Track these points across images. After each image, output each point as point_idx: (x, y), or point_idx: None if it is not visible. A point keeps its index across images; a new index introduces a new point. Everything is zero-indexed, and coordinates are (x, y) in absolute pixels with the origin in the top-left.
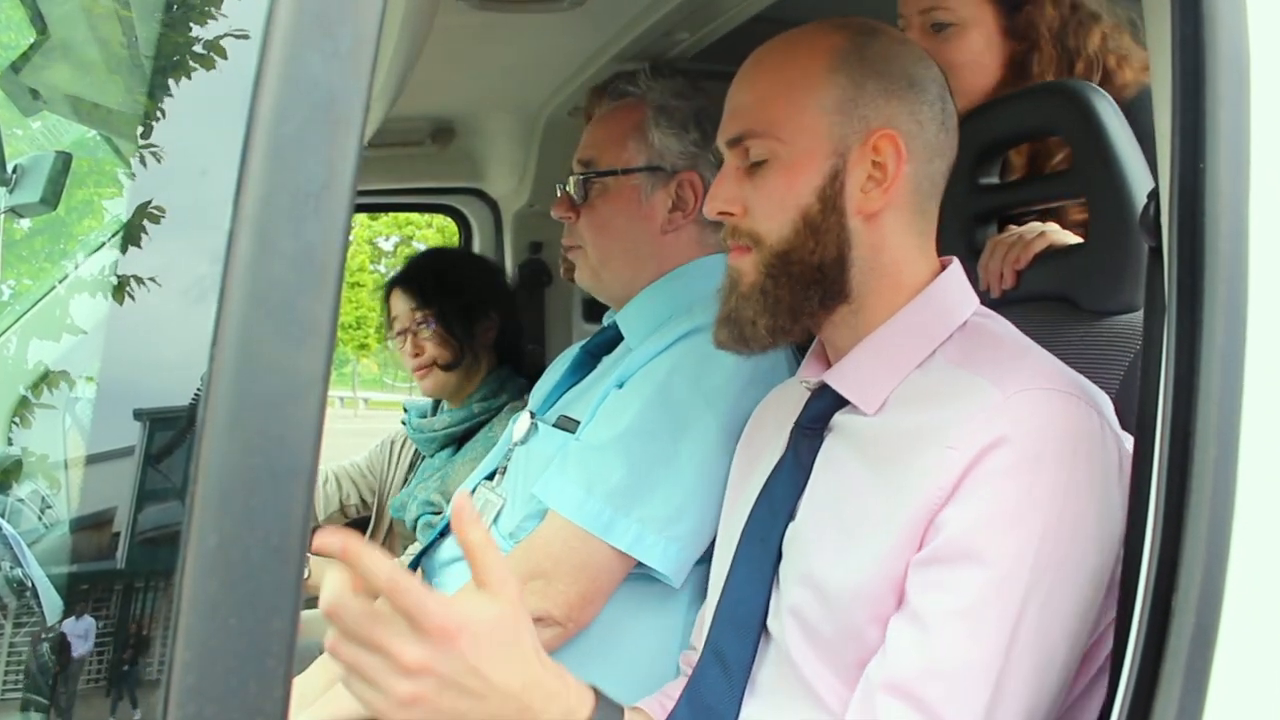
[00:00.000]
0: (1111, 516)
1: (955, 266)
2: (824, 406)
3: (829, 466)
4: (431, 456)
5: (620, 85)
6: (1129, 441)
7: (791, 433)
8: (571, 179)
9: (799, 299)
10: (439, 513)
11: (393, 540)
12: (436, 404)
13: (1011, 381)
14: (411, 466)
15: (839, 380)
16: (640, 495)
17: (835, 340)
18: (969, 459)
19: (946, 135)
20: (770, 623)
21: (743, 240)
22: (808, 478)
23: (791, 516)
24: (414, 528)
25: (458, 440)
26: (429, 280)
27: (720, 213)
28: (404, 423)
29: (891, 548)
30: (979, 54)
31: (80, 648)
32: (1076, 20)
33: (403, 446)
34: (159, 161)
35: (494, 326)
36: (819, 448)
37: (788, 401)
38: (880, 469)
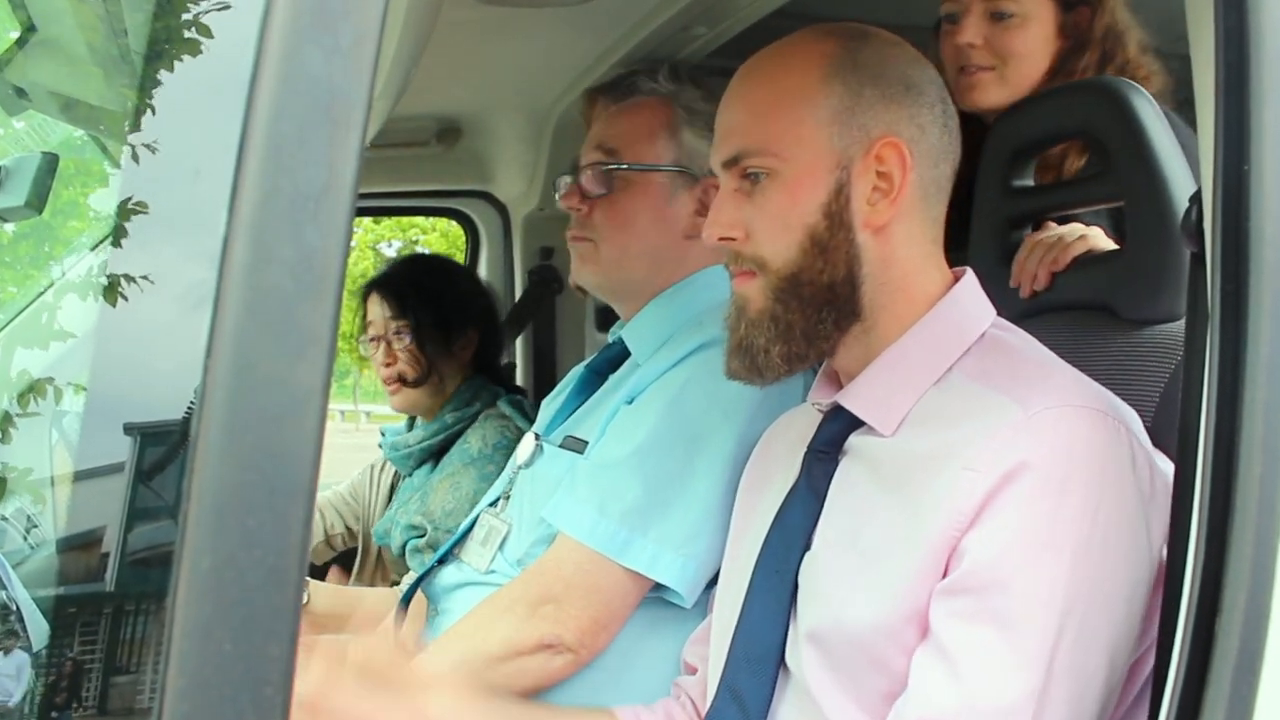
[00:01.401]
0: (1145, 537)
1: (969, 277)
2: (838, 429)
3: (845, 491)
4: (410, 475)
5: (636, 81)
6: (1160, 457)
7: (804, 457)
8: (587, 168)
9: (812, 322)
10: (424, 535)
11: (383, 568)
12: (411, 423)
13: (1034, 399)
14: (392, 489)
15: (853, 400)
16: (657, 514)
17: (847, 361)
18: (992, 483)
19: (949, 138)
20: (788, 656)
21: (747, 265)
22: (823, 504)
23: (808, 545)
24: (401, 554)
25: (434, 455)
26: (408, 289)
27: (721, 238)
28: (381, 445)
29: (913, 576)
30: (1036, 47)
31: (10, 687)
32: (1120, 27)
33: (382, 469)
34: (150, 162)
35: (471, 344)
36: (834, 472)
37: (798, 426)
38: (898, 492)
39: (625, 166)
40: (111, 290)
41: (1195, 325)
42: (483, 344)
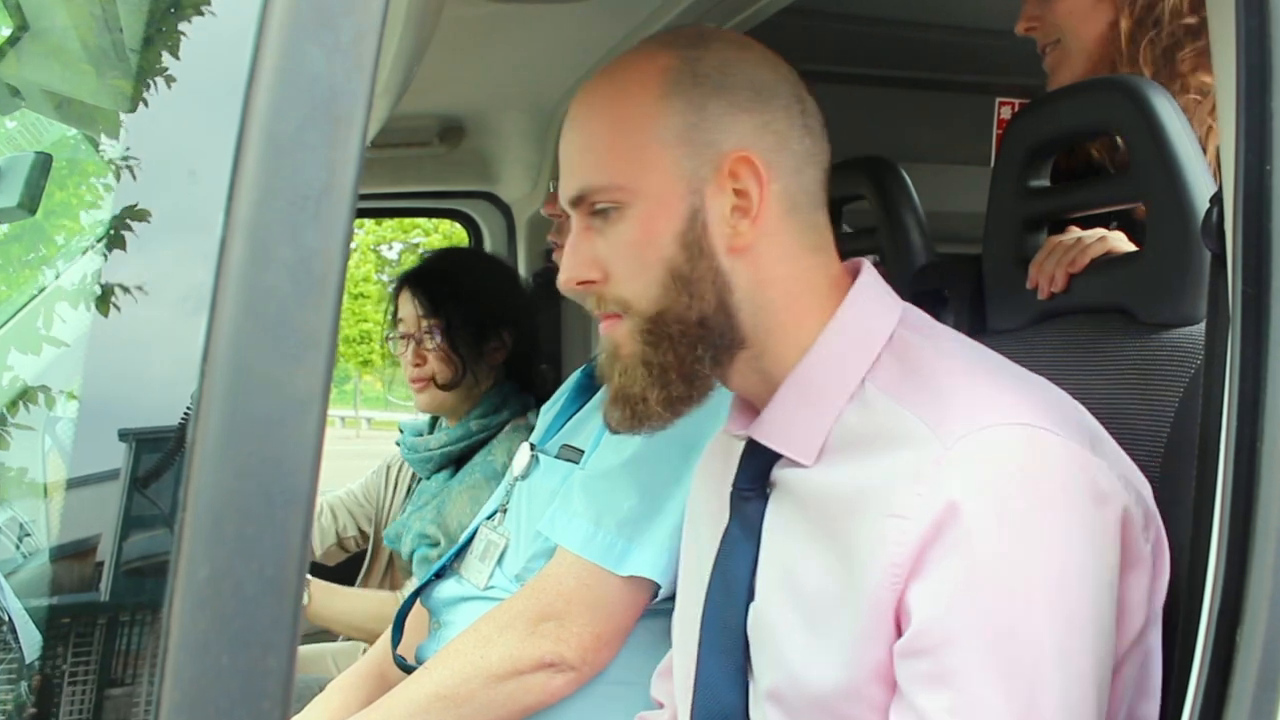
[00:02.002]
0: (1100, 545)
1: (866, 274)
2: (759, 464)
3: (777, 533)
4: (428, 478)
5: None
6: (1106, 445)
7: (731, 497)
8: None
9: (687, 362)
10: (436, 545)
11: (393, 573)
12: (434, 422)
13: (950, 425)
14: (409, 491)
15: (766, 433)
16: (653, 521)
17: (748, 390)
18: (922, 531)
19: (813, 139)
20: (752, 714)
21: (610, 307)
22: (758, 547)
23: (751, 595)
24: (410, 560)
25: (455, 461)
26: (442, 287)
27: (579, 283)
28: (399, 444)
29: (862, 636)
30: (1078, 6)
31: None
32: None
33: (399, 470)
34: (146, 162)
35: (504, 347)
36: (763, 510)
37: (724, 453)
38: (828, 538)
39: None
40: (105, 293)
41: (1216, 328)
42: (516, 347)
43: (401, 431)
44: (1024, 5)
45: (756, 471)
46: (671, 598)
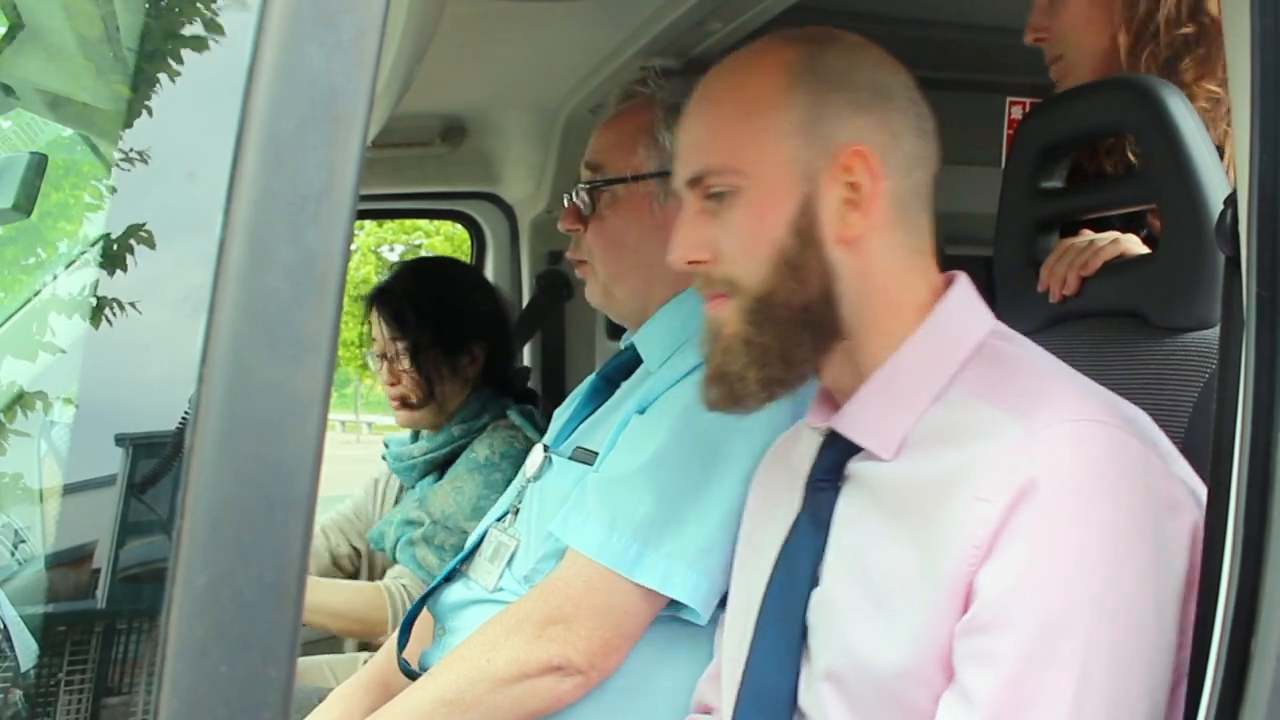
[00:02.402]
0: (1166, 552)
1: (961, 282)
2: (836, 455)
3: (849, 523)
4: (413, 486)
5: (631, 85)
6: (1180, 464)
7: (805, 488)
8: (577, 188)
9: (790, 344)
10: (420, 526)
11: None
12: (416, 434)
13: (1038, 415)
14: (396, 502)
15: (848, 425)
16: (669, 528)
17: (838, 382)
18: (1001, 511)
19: (925, 142)
20: (801, 698)
21: (718, 288)
22: (827, 536)
23: (815, 582)
24: (394, 551)
25: (439, 466)
26: (406, 306)
27: (689, 261)
28: (384, 457)
29: (931, 618)
30: (1080, 12)
31: None
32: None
33: (387, 482)
34: (143, 162)
35: (478, 359)
36: (835, 501)
37: (798, 449)
38: (905, 525)
39: (604, 182)
40: (102, 296)
41: (1230, 332)
42: (491, 356)
43: (387, 446)
44: (1031, 14)
45: (833, 463)
46: (683, 605)
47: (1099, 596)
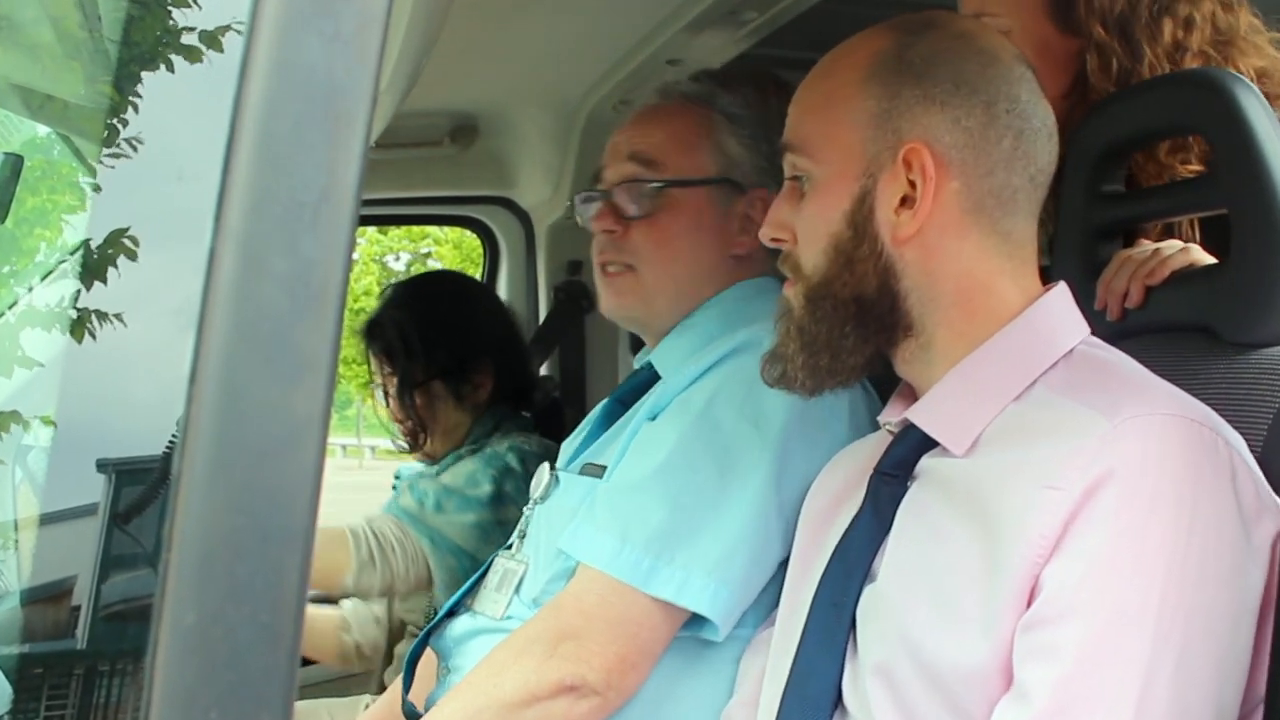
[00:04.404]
0: (1248, 561)
1: (1060, 290)
2: (908, 449)
3: (914, 518)
4: None
5: (672, 85)
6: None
7: (870, 479)
8: (622, 184)
9: (835, 335)
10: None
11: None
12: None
13: (1123, 408)
14: None
15: (924, 416)
16: (684, 537)
17: (911, 376)
18: (1074, 500)
19: (1023, 142)
20: (846, 696)
21: (790, 270)
22: (888, 531)
23: (870, 577)
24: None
25: None
26: (395, 340)
27: (772, 239)
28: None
29: (997, 615)
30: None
31: None
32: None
33: None
34: (128, 164)
35: (485, 383)
36: (901, 496)
37: (866, 453)
38: (973, 515)
39: (667, 182)
40: (83, 309)
41: None
42: (500, 375)
43: (399, 478)
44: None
45: (904, 457)
46: (703, 624)
47: (1173, 594)
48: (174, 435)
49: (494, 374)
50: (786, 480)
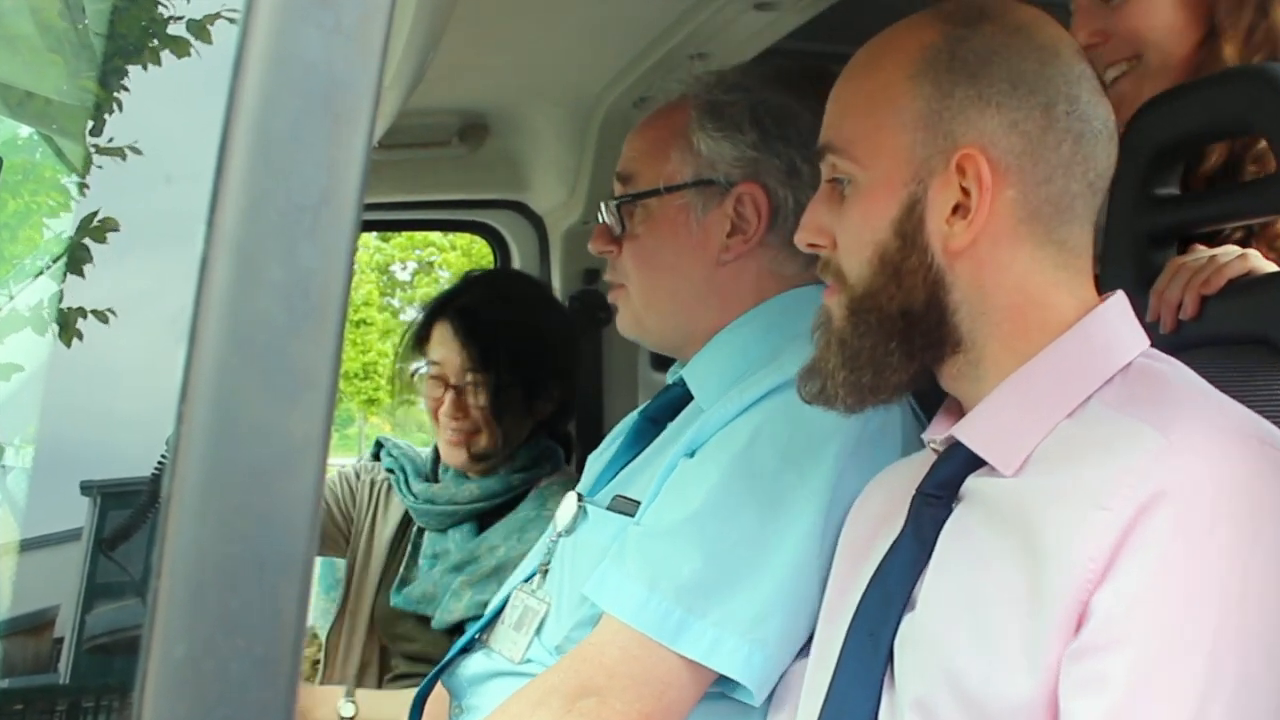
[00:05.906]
0: None
1: (1118, 300)
2: (953, 469)
3: (957, 542)
4: (442, 531)
5: (670, 84)
6: None
7: (912, 501)
8: (605, 203)
9: (879, 351)
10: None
11: (371, 639)
12: (435, 462)
13: (1178, 423)
14: (400, 540)
15: (970, 433)
16: (719, 592)
17: (959, 392)
18: (1125, 521)
19: (1082, 146)
20: None
21: (830, 277)
22: (930, 556)
23: (910, 605)
24: (449, 631)
25: (478, 516)
26: (495, 335)
27: (809, 244)
28: (394, 484)
29: (1045, 641)
30: (1166, 15)
31: None
32: None
33: (386, 500)
34: (115, 166)
35: (552, 403)
36: (944, 519)
37: (909, 474)
38: (1019, 540)
39: (632, 196)
40: (67, 320)
41: None
42: (563, 399)
43: (391, 455)
44: (1076, 15)
45: (949, 477)
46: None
47: (1231, 622)
48: (163, 455)
49: (559, 394)
50: (836, 509)
